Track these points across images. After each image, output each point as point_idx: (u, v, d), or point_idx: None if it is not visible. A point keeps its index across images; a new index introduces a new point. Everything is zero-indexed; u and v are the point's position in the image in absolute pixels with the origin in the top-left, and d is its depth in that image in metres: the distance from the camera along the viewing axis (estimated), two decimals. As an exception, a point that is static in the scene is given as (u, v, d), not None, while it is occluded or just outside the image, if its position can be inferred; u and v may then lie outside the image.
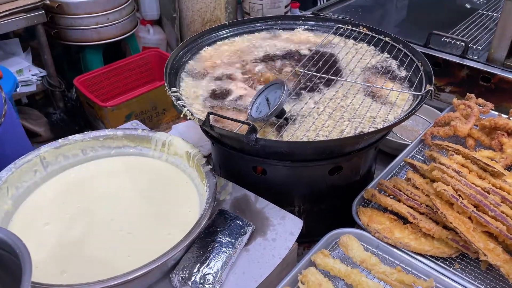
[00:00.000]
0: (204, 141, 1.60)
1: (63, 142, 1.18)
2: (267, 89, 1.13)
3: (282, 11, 3.09)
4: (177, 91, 1.23)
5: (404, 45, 1.42)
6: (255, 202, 1.14)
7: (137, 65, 2.92)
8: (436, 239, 1.06)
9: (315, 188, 1.25)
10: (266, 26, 1.61)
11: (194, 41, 1.48)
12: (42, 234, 1.02)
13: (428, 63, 1.29)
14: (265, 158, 1.16)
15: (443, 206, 1.04)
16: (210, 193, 1.03)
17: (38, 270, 0.93)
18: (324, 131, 1.12)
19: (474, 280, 1.00)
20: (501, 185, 1.11)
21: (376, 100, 1.24)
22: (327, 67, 1.38)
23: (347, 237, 1.06)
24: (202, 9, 2.98)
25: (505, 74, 1.59)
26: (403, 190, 1.16)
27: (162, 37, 3.31)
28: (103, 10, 2.71)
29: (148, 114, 2.77)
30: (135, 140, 1.23)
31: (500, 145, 1.31)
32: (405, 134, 1.70)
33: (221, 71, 1.39)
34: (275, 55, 1.47)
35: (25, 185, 1.11)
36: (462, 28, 1.87)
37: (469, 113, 1.37)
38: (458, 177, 1.09)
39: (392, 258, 1.05)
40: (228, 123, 1.14)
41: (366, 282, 0.96)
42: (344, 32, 1.55)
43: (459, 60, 1.68)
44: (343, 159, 1.19)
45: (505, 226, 0.99)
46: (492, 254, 0.97)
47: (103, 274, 0.85)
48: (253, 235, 1.05)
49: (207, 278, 0.92)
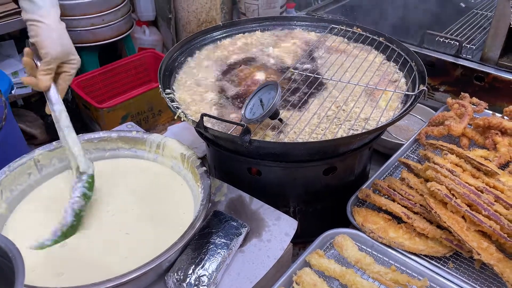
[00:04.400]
0: (199, 142, 1.60)
1: (57, 144, 1.17)
2: (261, 91, 1.13)
3: (278, 12, 3.08)
4: (171, 93, 1.23)
5: (397, 45, 1.42)
6: (250, 203, 1.14)
7: (133, 66, 2.91)
8: (430, 239, 1.06)
9: (309, 189, 1.25)
10: (260, 27, 1.62)
11: (189, 42, 1.48)
12: (37, 237, 1.02)
13: (422, 63, 1.29)
14: (260, 159, 1.16)
15: (437, 206, 1.05)
16: (204, 194, 1.03)
17: (34, 273, 0.93)
18: (317, 133, 1.12)
19: (468, 279, 1.01)
20: (494, 184, 1.12)
21: (369, 100, 1.24)
22: (320, 68, 1.38)
23: (342, 237, 1.06)
24: (197, 10, 2.98)
25: (498, 73, 1.59)
26: (398, 189, 1.16)
27: (158, 38, 3.31)
28: (98, 11, 2.71)
29: (144, 115, 2.77)
30: (129, 142, 1.23)
31: (494, 144, 1.31)
32: (400, 133, 1.70)
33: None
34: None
35: (20, 188, 1.11)
36: (457, 27, 1.88)
37: (463, 113, 1.38)
38: (451, 177, 1.09)
39: (386, 258, 1.06)
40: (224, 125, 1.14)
41: (361, 282, 0.96)
42: (339, 32, 1.56)
43: (453, 59, 1.68)
44: (337, 160, 1.19)
45: (499, 225, 0.99)
46: (486, 253, 0.98)
47: (99, 277, 0.85)
48: (248, 236, 1.06)
49: (202, 280, 0.92)
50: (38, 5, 1.02)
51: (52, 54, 1.01)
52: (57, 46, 1.02)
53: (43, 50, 1.01)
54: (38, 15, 1.01)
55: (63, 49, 1.04)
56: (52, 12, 1.04)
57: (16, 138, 1.45)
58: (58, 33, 1.03)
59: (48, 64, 1.02)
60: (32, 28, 1.02)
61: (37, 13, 1.01)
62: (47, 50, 1.01)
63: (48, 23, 1.02)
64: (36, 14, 1.01)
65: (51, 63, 1.02)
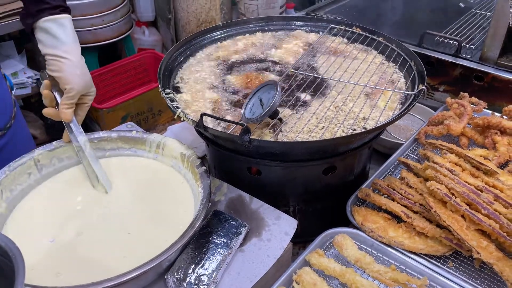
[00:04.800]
0: (199, 142, 1.61)
1: (57, 144, 1.18)
2: (260, 90, 1.14)
3: (278, 12, 3.09)
4: (171, 93, 1.23)
5: (397, 44, 1.42)
6: (250, 202, 1.15)
7: (133, 67, 2.92)
8: (429, 238, 1.06)
9: (309, 188, 1.25)
10: (259, 27, 1.62)
11: (188, 42, 1.48)
12: (37, 237, 1.02)
13: (421, 62, 1.30)
14: (260, 159, 1.16)
15: (436, 205, 1.05)
16: (204, 194, 1.03)
17: (33, 272, 0.93)
18: (316, 133, 1.13)
19: (468, 278, 1.01)
20: (494, 183, 1.12)
21: (369, 100, 1.25)
22: (320, 67, 1.38)
23: (342, 236, 1.06)
24: (197, 10, 2.98)
25: (498, 72, 1.60)
26: (397, 189, 1.17)
27: (158, 38, 3.32)
28: (98, 12, 2.71)
29: (144, 116, 2.77)
30: (129, 142, 1.24)
31: (493, 143, 1.31)
32: (399, 133, 1.70)
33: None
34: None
35: (20, 188, 1.11)
36: (456, 27, 1.88)
37: (463, 112, 1.38)
38: (451, 176, 1.09)
39: (386, 257, 1.06)
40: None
41: (361, 281, 0.96)
42: (338, 32, 1.56)
43: (452, 59, 1.69)
44: (337, 159, 1.19)
45: (498, 224, 0.99)
46: (485, 252, 0.98)
47: (98, 276, 0.85)
48: (248, 236, 1.06)
49: (202, 279, 0.92)
50: (62, 41, 1.05)
51: (77, 89, 1.06)
52: (81, 81, 1.06)
53: (68, 85, 1.05)
54: (62, 51, 1.04)
55: (86, 84, 1.08)
56: (75, 48, 1.07)
57: (25, 136, 1.47)
58: (81, 69, 1.07)
59: (72, 98, 1.07)
60: (55, 63, 1.05)
61: (61, 49, 1.04)
62: (72, 85, 1.05)
63: (71, 59, 1.05)
64: (60, 50, 1.04)
65: (74, 97, 1.07)
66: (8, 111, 1.35)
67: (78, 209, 1.09)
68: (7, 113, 1.34)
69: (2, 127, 1.32)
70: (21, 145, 1.41)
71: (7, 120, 1.34)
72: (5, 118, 1.33)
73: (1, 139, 1.32)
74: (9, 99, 1.36)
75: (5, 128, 1.33)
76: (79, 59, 1.08)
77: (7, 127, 1.33)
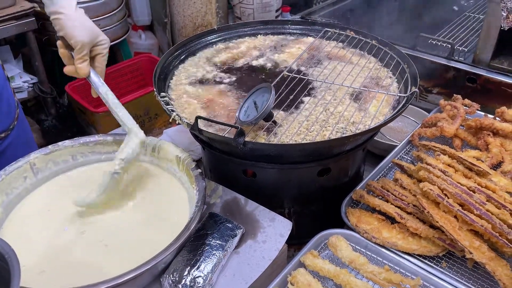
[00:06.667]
0: (195, 145, 1.61)
1: (53, 148, 1.18)
2: (255, 93, 1.15)
3: (273, 15, 3.10)
4: (166, 96, 1.24)
5: (390, 47, 1.44)
6: (245, 204, 1.15)
7: (129, 71, 2.92)
8: (423, 238, 1.07)
9: (304, 190, 1.26)
10: (254, 30, 1.63)
11: (184, 45, 1.50)
12: (33, 240, 1.02)
13: (414, 65, 1.31)
14: (254, 161, 1.17)
15: (430, 206, 1.06)
16: (199, 196, 1.04)
17: (28, 276, 0.93)
18: (310, 135, 1.13)
19: (461, 278, 1.02)
20: (486, 184, 1.13)
21: (362, 102, 1.26)
22: (313, 71, 1.40)
23: (336, 237, 1.07)
24: (193, 14, 2.99)
25: (490, 75, 1.62)
26: (391, 190, 1.18)
27: (154, 42, 3.32)
28: (94, 16, 2.71)
29: (141, 119, 2.77)
30: (125, 145, 1.24)
31: (486, 144, 1.33)
32: (393, 135, 1.72)
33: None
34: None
35: (16, 191, 1.11)
36: (449, 30, 1.90)
37: (456, 114, 1.40)
38: (444, 177, 1.11)
39: (380, 258, 1.07)
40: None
41: (355, 282, 0.97)
42: (332, 35, 1.57)
43: (445, 61, 1.70)
44: (331, 161, 1.20)
45: (490, 224, 1.00)
46: (478, 252, 0.99)
47: (95, 278, 0.86)
48: (243, 238, 1.06)
49: (197, 281, 0.92)
50: None
51: (81, 41, 1.04)
52: (82, 32, 1.05)
53: (72, 40, 1.04)
54: (58, 6, 1.05)
55: (89, 34, 1.06)
56: (68, 2, 1.06)
57: (27, 137, 1.49)
58: (79, 20, 1.06)
59: (81, 51, 1.05)
60: (56, 22, 1.05)
61: (57, 5, 1.05)
62: (75, 39, 1.04)
63: (66, 13, 1.05)
64: (56, 5, 1.05)
65: (83, 50, 1.05)
66: (12, 112, 1.36)
67: (74, 212, 1.10)
68: (12, 114, 1.36)
69: (6, 128, 1.33)
70: (24, 146, 1.42)
71: (11, 121, 1.36)
72: (9, 119, 1.35)
73: (5, 140, 1.33)
74: (13, 101, 1.38)
75: (9, 129, 1.34)
76: (74, 11, 1.06)
77: (10, 128, 1.35)
